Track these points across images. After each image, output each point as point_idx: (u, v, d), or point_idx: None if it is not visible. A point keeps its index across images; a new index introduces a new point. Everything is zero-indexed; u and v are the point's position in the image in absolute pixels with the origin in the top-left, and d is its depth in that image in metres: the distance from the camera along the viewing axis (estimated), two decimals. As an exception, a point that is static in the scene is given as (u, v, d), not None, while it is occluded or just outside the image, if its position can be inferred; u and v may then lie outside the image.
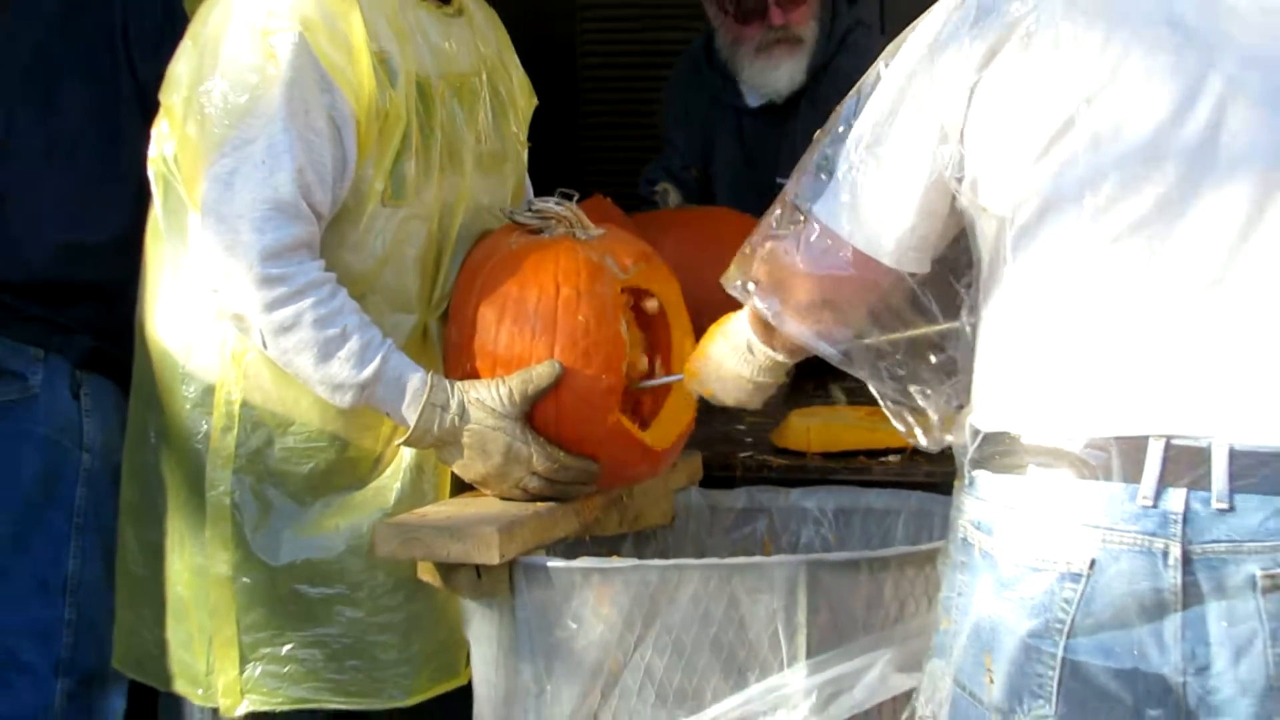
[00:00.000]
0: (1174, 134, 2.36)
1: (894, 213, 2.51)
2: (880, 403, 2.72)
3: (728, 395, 2.93)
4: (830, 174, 2.60)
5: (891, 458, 3.55)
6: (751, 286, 2.70)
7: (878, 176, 2.53)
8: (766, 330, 2.79)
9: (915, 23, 2.57)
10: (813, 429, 3.73)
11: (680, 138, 5.03)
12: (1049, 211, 2.39)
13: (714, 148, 4.93)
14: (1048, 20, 2.43)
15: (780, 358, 2.81)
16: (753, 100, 4.89)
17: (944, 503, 2.65)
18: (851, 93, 2.57)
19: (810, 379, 3.54)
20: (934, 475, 2.87)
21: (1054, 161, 2.40)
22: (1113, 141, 2.37)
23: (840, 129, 2.59)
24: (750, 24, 4.70)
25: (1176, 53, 2.37)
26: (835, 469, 3.55)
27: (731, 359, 2.88)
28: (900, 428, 2.71)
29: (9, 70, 3.72)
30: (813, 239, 2.58)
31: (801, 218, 2.62)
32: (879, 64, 2.56)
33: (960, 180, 2.49)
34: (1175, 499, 2.30)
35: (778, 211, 2.64)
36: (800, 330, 2.66)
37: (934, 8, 2.54)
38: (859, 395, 3.37)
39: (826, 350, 2.67)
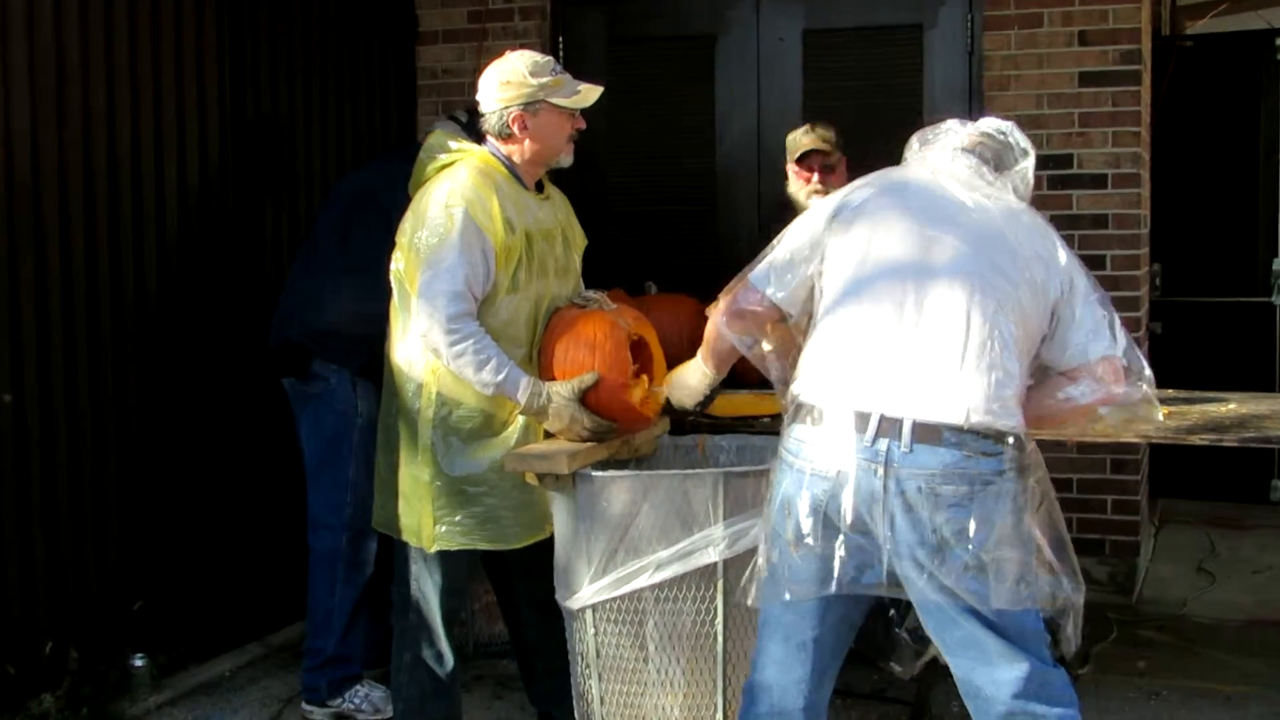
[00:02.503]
0: (908, 260, 2.62)
1: (789, 274, 2.77)
2: (771, 380, 2.90)
3: (677, 395, 3.16)
4: (764, 259, 2.81)
5: (764, 420, 3.72)
6: (717, 311, 2.87)
7: (786, 263, 2.78)
8: (707, 358, 3.01)
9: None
10: (725, 404, 3.75)
11: None
12: (844, 293, 2.67)
13: None
14: (862, 208, 2.70)
15: (712, 375, 3.05)
16: None
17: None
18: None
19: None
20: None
21: (855, 271, 2.66)
22: (880, 262, 2.64)
23: (781, 236, 2.82)
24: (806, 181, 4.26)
25: (916, 222, 2.66)
26: (737, 425, 3.73)
27: (688, 375, 3.11)
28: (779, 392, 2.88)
29: (330, 229, 3.99)
30: (746, 289, 2.81)
31: (742, 280, 2.82)
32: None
33: (820, 271, 2.73)
34: (882, 444, 2.51)
35: (737, 277, 2.84)
36: (729, 331, 2.84)
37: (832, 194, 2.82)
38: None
39: (740, 344, 2.85)
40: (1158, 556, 5.81)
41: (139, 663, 4.12)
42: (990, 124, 2.81)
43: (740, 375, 3.13)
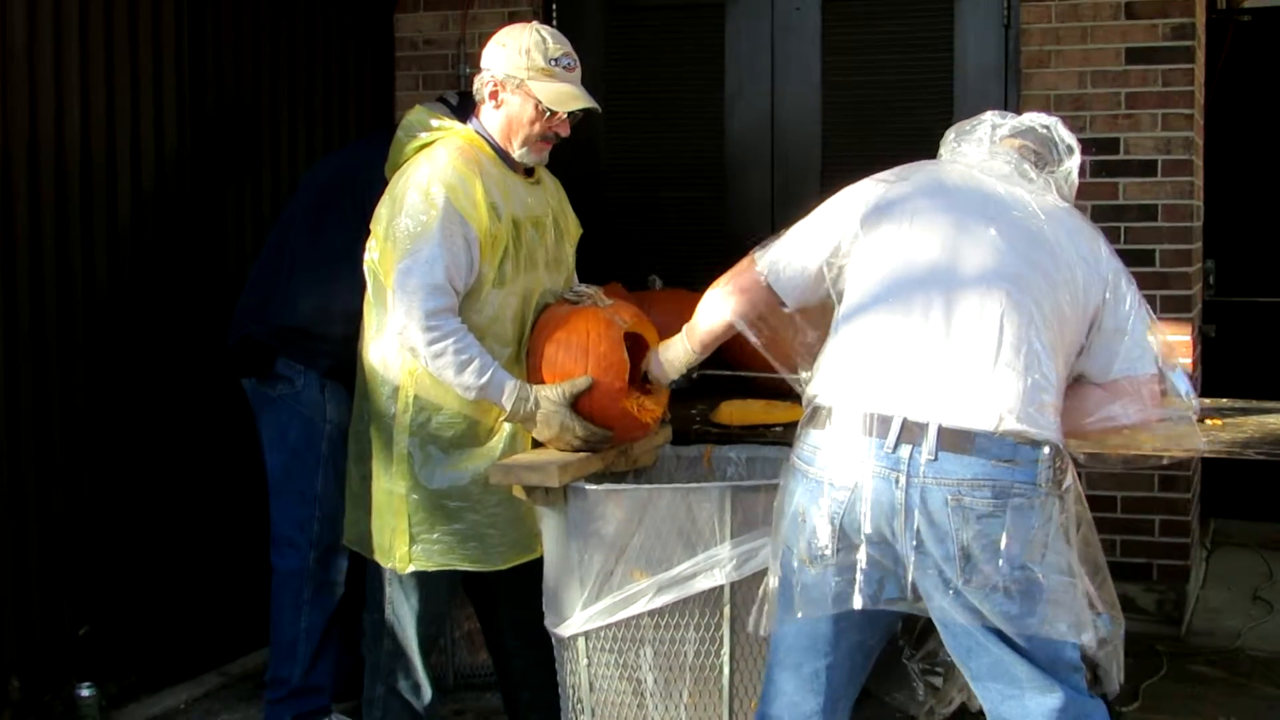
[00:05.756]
0: (942, 260, 2.65)
1: (797, 269, 2.83)
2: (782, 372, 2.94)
3: (658, 368, 3.19)
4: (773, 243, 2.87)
5: (776, 429, 3.77)
6: (716, 286, 2.95)
7: (798, 250, 2.84)
8: (692, 335, 3.07)
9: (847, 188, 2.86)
10: (734, 411, 3.95)
11: None
12: (872, 292, 2.69)
13: None
14: (900, 205, 2.73)
15: (695, 351, 3.11)
16: None
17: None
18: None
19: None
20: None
21: (886, 270, 2.69)
22: (912, 262, 2.67)
23: (802, 221, 2.87)
24: None
25: (952, 221, 2.69)
26: (746, 435, 3.77)
27: (671, 349, 3.15)
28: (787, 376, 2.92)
29: (299, 217, 4.00)
30: (751, 268, 2.89)
31: (749, 260, 2.89)
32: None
33: (839, 265, 2.77)
34: (904, 450, 2.53)
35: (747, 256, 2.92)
36: (731, 301, 2.91)
37: (857, 183, 2.85)
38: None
39: (742, 327, 2.91)
40: (1209, 583, 5.79)
41: (86, 693, 4.09)
42: (1032, 118, 2.86)
43: (739, 362, 3.06)
